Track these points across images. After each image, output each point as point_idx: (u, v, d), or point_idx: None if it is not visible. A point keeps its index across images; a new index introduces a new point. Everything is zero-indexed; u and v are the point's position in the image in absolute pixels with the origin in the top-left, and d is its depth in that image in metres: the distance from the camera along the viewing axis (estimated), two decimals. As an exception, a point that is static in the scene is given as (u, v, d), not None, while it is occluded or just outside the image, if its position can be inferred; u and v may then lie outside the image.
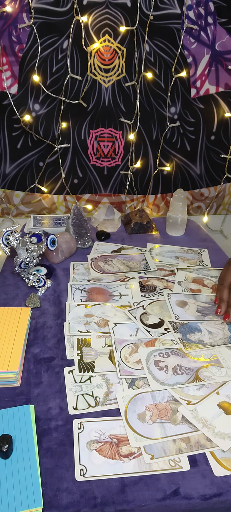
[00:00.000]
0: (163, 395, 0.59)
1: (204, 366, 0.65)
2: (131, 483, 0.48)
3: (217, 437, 0.53)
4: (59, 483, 0.48)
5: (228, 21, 1.06)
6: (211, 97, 1.14)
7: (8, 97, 1.06)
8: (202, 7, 1.04)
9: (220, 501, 0.47)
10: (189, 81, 1.11)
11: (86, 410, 0.57)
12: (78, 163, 1.17)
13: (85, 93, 1.08)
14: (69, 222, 1.03)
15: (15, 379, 0.60)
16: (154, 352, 0.67)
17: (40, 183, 1.18)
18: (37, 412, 0.56)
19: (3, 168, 1.14)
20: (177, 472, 0.49)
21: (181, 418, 0.56)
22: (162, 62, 1.08)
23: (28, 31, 1.01)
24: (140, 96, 1.11)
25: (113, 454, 0.51)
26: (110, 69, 1.08)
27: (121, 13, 1.02)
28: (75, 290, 0.84)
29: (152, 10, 1.02)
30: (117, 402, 0.58)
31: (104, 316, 0.76)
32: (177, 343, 0.69)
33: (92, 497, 0.46)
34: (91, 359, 0.66)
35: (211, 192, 1.26)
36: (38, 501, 0.45)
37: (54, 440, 0.53)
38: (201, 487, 0.48)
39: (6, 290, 0.85)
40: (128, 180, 1.21)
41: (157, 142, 1.17)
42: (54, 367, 0.64)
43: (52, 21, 1.01)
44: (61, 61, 1.05)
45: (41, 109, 1.09)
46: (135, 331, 0.72)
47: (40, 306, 0.80)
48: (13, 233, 0.84)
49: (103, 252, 1.01)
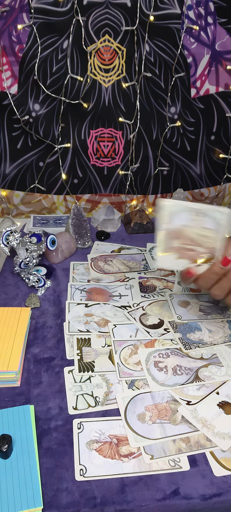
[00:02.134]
0: (163, 396, 0.59)
1: (204, 365, 0.65)
2: (130, 483, 0.48)
3: (216, 437, 0.53)
4: (59, 483, 0.48)
5: (228, 21, 1.06)
6: (211, 97, 1.14)
7: (8, 97, 1.06)
8: (202, 7, 1.04)
9: (220, 501, 0.47)
10: (189, 81, 1.11)
11: (86, 410, 0.57)
12: (78, 163, 1.17)
13: (85, 93, 1.08)
14: (69, 222, 1.03)
15: (15, 379, 0.60)
16: (154, 353, 0.67)
17: (40, 183, 1.18)
18: (37, 412, 0.56)
19: (3, 168, 1.14)
20: (176, 472, 0.49)
21: (181, 418, 0.56)
22: (162, 62, 1.08)
23: (28, 31, 1.01)
24: (140, 96, 1.11)
25: (113, 454, 0.51)
26: (111, 69, 1.08)
27: (121, 13, 1.02)
28: (75, 290, 0.84)
29: (152, 10, 1.02)
30: (116, 402, 0.58)
31: (104, 316, 0.76)
32: (176, 343, 0.69)
33: (92, 497, 0.46)
34: (91, 359, 0.66)
35: (211, 192, 1.26)
36: (38, 501, 0.45)
37: (54, 440, 0.53)
38: (201, 487, 0.48)
39: (6, 290, 0.85)
40: (128, 180, 1.21)
41: (157, 142, 1.17)
42: (54, 367, 0.64)
43: (52, 21, 1.01)
44: (61, 61, 1.05)
45: (41, 109, 1.09)
46: (134, 332, 0.72)
47: (40, 306, 0.80)
48: (13, 233, 0.84)
49: (103, 252, 1.01)
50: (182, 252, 0.67)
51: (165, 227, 0.66)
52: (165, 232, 0.66)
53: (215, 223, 0.65)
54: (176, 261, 0.67)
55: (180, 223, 0.66)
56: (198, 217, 0.65)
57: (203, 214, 0.65)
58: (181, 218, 0.66)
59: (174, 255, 0.67)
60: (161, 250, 0.67)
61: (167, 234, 0.66)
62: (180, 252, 0.67)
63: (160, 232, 0.67)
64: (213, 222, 0.65)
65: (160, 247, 0.67)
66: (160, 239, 0.67)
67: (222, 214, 0.65)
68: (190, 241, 0.66)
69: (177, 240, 0.66)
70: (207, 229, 0.65)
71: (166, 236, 0.67)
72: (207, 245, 0.66)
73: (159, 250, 0.67)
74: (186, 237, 0.66)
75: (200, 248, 0.66)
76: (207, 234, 0.66)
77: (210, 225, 0.65)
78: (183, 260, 0.67)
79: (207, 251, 0.66)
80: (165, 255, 0.68)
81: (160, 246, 0.67)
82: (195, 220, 0.66)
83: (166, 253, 0.67)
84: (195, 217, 0.65)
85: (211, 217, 0.65)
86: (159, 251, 0.67)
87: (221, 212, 0.65)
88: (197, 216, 0.65)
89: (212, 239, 0.65)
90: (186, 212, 0.65)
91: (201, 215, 0.65)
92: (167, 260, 0.68)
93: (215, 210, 0.65)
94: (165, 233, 0.66)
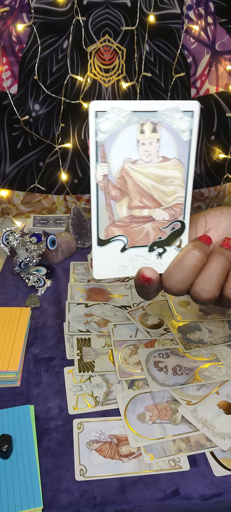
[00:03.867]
0: (163, 396, 0.59)
1: (204, 365, 0.65)
2: (130, 483, 0.48)
3: (217, 437, 0.53)
4: (59, 483, 0.48)
5: (228, 21, 1.06)
6: (211, 97, 1.14)
7: (8, 97, 1.06)
8: (202, 7, 1.04)
9: (220, 501, 0.47)
10: (189, 81, 1.11)
11: (86, 410, 0.57)
12: (78, 163, 1.17)
13: (85, 93, 1.08)
14: (69, 222, 1.03)
15: (15, 379, 0.60)
16: (154, 353, 0.67)
17: (40, 183, 1.18)
18: (37, 412, 0.56)
19: (3, 168, 1.14)
20: (176, 472, 0.49)
21: (181, 418, 0.56)
22: (162, 62, 1.08)
23: (28, 31, 1.01)
24: (140, 96, 1.11)
25: (113, 454, 0.51)
26: (111, 69, 1.08)
27: (121, 13, 1.02)
28: (75, 290, 0.84)
29: (152, 10, 1.02)
30: (116, 402, 0.58)
31: (104, 316, 0.76)
32: (176, 343, 0.69)
33: (92, 497, 0.46)
34: (91, 359, 0.66)
35: (211, 192, 1.26)
36: (38, 501, 0.45)
37: (54, 440, 0.53)
38: (201, 487, 0.48)
39: (6, 290, 0.85)
40: (127, 180, 1.20)
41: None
42: (54, 367, 0.64)
43: (52, 21, 1.01)
44: (61, 61, 1.05)
45: (41, 109, 1.09)
46: (134, 332, 0.72)
47: (40, 306, 0.80)
48: (13, 233, 0.84)
49: (103, 252, 1.00)
50: (130, 231, 0.38)
51: (101, 174, 0.36)
52: (104, 186, 0.36)
53: (177, 142, 0.36)
54: (122, 256, 0.39)
55: (120, 157, 0.36)
56: (147, 134, 0.36)
57: (155, 122, 0.36)
58: (121, 143, 0.35)
59: (119, 243, 0.38)
60: (103, 236, 0.38)
61: (107, 193, 0.37)
62: (128, 232, 0.38)
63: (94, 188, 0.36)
64: (173, 139, 0.36)
65: (100, 227, 0.38)
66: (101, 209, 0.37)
67: (187, 116, 0.36)
68: (139, 199, 0.37)
69: (121, 203, 0.37)
70: (165, 161, 0.37)
71: (106, 199, 0.37)
72: (167, 200, 0.38)
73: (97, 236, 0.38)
74: (134, 191, 0.37)
75: (158, 211, 0.38)
76: (165, 173, 0.37)
77: (170, 148, 0.37)
78: (133, 251, 0.39)
79: (168, 215, 0.39)
80: (108, 251, 0.39)
81: (101, 225, 0.38)
82: (143, 143, 0.36)
83: (110, 242, 0.38)
84: (142, 136, 0.36)
85: (169, 127, 0.36)
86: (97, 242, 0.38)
87: (184, 110, 0.36)
88: (145, 133, 0.36)
89: (175, 184, 0.38)
90: (128, 126, 0.35)
91: (151, 124, 0.35)
92: (111, 260, 0.39)
93: (174, 110, 0.36)
94: (104, 190, 0.36)
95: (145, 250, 0.39)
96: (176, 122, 0.36)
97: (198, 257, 0.38)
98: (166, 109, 0.35)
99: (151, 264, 0.40)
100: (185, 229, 0.39)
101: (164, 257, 0.40)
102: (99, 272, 0.39)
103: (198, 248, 0.39)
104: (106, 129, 0.35)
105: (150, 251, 0.39)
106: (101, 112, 0.34)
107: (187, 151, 0.37)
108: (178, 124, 0.36)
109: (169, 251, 0.40)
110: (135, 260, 0.39)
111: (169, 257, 0.40)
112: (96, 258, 0.39)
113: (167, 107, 0.35)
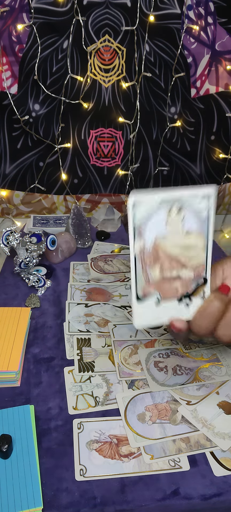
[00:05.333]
0: (163, 396, 0.59)
1: (204, 365, 0.65)
2: (130, 483, 0.48)
3: (217, 437, 0.53)
4: (59, 483, 0.48)
5: (228, 21, 1.06)
6: (211, 97, 1.14)
7: (8, 97, 1.06)
8: (202, 7, 1.04)
9: (220, 501, 0.47)
10: (189, 81, 1.11)
11: (86, 410, 0.57)
12: (78, 163, 1.17)
13: (85, 93, 1.08)
14: (69, 222, 1.03)
15: (15, 379, 0.60)
16: (154, 353, 0.67)
17: (40, 183, 1.18)
18: (37, 412, 0.56)
19: (3, 168, 1.14)
20: (176, 472, 0.49)
21: (181, 418, 0.56)
22: (162, 62, 1.08)
23: (28, 31, 1.01)
24: (140, 96, 1.11)
25: (113, 454, 0.51)
26: (111, 69, 1.08)
27: (121, 13, 1.02)
28: (75, 290, 0.84)
29: (152, 10, 1.02)
30: (116, 402, 0.58)
31: (104, 316, 0.76)
32: (176, 343, 0.69)
33: (92, 497, 0.46)
34: (91, 359, 0.66)
35: (211, 192, 1.26)
36: (38, 501, 0.45)
37: (54, 440, 0.53)
38: (201, 487, 0.48)
39: (6, 290, 0.85)
40: (128, 180, 1.21)
41: (157, 142, 1.17)
42: (54, 367, 0.64)
43: (52, 21, 1.01)
44: (61, 61, 1.05)
45: (41, 109, 1.09)
46: (134, 332, 0.72)
47: (40, 306, 0.80)
48: (13, 233, 0.84)
49: (103, 252, 1.01)
50: (163, 289, 0.46)
51: (139, 248, 0.44)
52: (140, 256, 0.45)
53: (198, 219, 0.44)
54: (157, 308, 0.47)
55: (153, 234, 0.44)
56: (174, 215, 0.44)
57: (179, 206, 0.43)
58: (153, 223, 0.44)
59: (154, 299, 0.46)
60: (141, 295, 0.46)
61: (143, 261, 0.45)
62: (161, 289, 0.46)
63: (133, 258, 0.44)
64: (194, 217, 0.44)
65: (139, 287, 0.46)
66: (138, 274, 0.45)
67: (205, 200, 0.44)
68: (169, 264, 0.45)
69: (155, 268, 0.45)
70: (188, 234, 0.45)
71: (142, 266, 0.45)
72: (192, 263, 0.46)
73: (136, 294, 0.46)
74: (164, 258, 0.45)
75: (185, 271, 0.46)
76: (190, 242, 0.45)
77: (192, 224, 0.44)
78: (166, 303, 0.47)
79: (193, 273, 0.46)
80: (145, 305, 0.47)
81: (139, 286, 0.46)
82: (171, 221, 0.44)
83: (147, 298, 0.46)
84: (170, 217, 0.44)
85: (190, 209, 0.44)
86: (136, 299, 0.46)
87: (203, 196, 0.43)
88: (172, 214, 0.44)
89: (198, 250, 0.45)
90: (158, 210, 0.43)
91: (176, 208, 0.43)
92: (148, 312, 0.47)
93: (194, 196, 0.43)
94: (140, 259, 0.45)
95: (175, 302, 0.47)
96: (196, 205, 0.44)
97: (218, 308, 0.45)
98: (188, 196, 0.43)
99: (180, 312, 0.47)
100: (207, 283, 0.47)
101: (191, 306, 0.47)
102: (139, 322, 0.48)
103: (218, 299, 0.46)
104: (142, 216, 0.43)
105: (179, 302, 0.47)
106: (138, 201, 0.42)
107: (206, 224, 0.45)
108: (198, 206, 0.44)
109: (194, 301, 0.47)
110: (167, 311, 0.47)
111: (195, 306, 0.47)
112: (136, 311, 0.46)
113: (188, 195, 0.43)
